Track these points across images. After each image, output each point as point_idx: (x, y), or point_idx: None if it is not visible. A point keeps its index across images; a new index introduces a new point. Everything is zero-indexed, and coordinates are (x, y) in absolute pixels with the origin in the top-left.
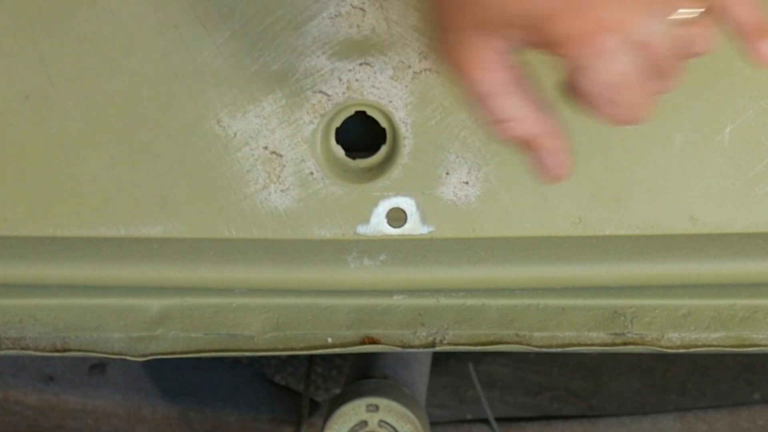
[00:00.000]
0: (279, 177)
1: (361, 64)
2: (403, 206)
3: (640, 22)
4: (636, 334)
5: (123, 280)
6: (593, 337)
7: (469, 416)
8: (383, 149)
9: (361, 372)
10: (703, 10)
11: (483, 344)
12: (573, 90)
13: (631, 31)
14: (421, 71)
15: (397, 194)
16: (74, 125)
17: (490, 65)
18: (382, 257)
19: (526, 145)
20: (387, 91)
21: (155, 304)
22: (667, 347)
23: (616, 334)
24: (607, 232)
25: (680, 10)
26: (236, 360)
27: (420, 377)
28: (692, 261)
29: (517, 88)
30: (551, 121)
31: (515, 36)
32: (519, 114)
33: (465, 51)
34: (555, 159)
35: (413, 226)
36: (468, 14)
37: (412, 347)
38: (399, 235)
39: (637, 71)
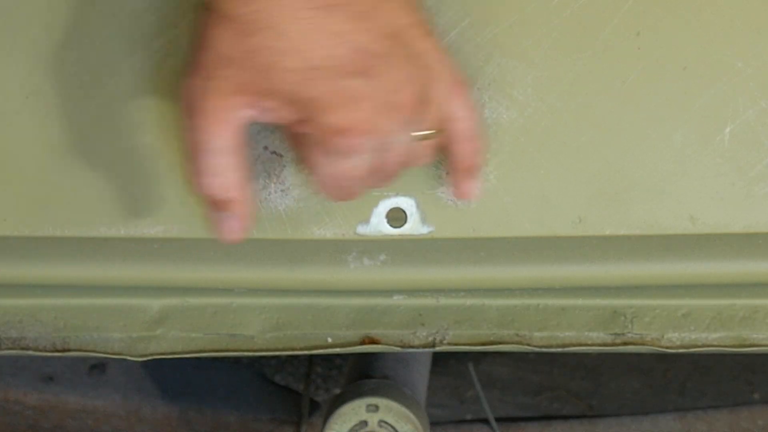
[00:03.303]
0: (279, 177)
1: None
2: (403, 206)
3: (393, 131)
4: (636, 334)
5: (123, 280)
6: (593, 337)
7: (469, 416)
8: None
9: (361, 372)
10: (436, 134)
11: (483, 344)
12: (301, 145)
13: (383, 137)
14: None
15: (397, 194)
16: (74, 125)
17: (226, 124)
18: (382, 257)
19: (217, 205)
20: None
21: (155, 304)
22: (667, 347)
23: (616, 334)
24: (607, 232)
25: (423, 132)
26: (236, 360)
27: (420, 377)
28: (692, 261)
29: (236, 152)
30: (247, 191)
31: (271, 108)
32: (224, 176)
33: (211, 102)
34: (236, 225)
35: (413, 226)
36: (234, 73)
37: (412, 347)
38: (399, 235)
39: (367, 170)
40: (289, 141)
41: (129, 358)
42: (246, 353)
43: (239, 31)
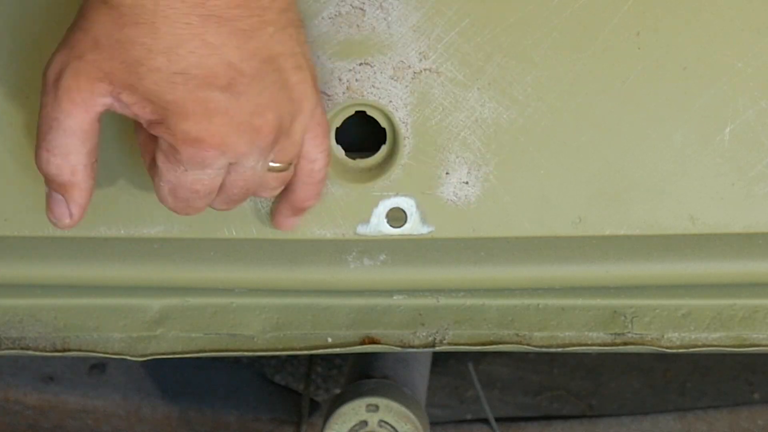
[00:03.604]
0: None
1: (361, 64)
2: (403, 206)
3: (246, 154)
4: (636, 334)
5: (123, 280)
6: (593, 337)
7: (469, 416)
8: (383, 149)
9: (361, 372)
10: (287, 167)
11: (483, 344)
12: (145, 145)
13: (233, 157)
14: (421, 71)
15: (397, 194)
16: None
17: (85, 107)
18: (382, 257)
19: (54, 186)
20: (387, 91)
21: (155, 304)
22: (667, 347)
23: (616, 334)
24: (607, 232)
25: (275, 163)
26: (236, 360)
27: (420, 377)
28: (692, 261)
29: (85, 137)
30: (90, 183)
31: (129, 102)
32: (66, 158)
33: (74, 81)
34: (65, 211)
35: (413, 226)
36: (103, 59)
37: (412, 347)
38: (399, 235)
39: (210, 187)
40: (139, 139)
41: (129, 358)
42: (246, 353)
43: (117, 20)
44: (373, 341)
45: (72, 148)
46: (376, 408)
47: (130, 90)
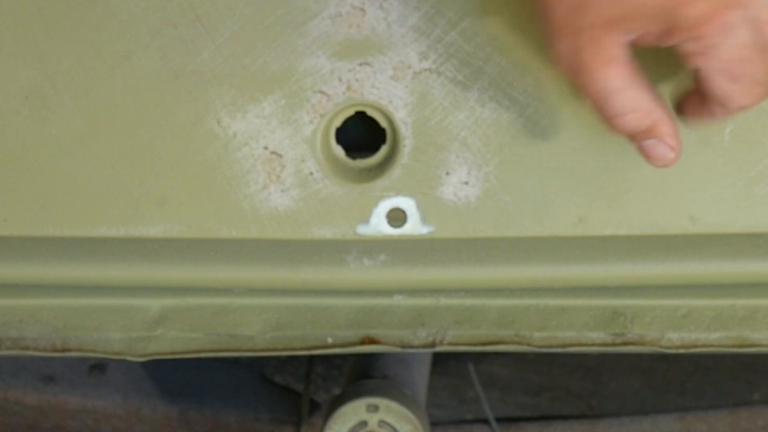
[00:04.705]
0: (279, 177)
1: (361, 64)
2: (403, 206)
3: None
4: (636, 334)
5: (123, 280)
6: (593, 337)
7: (469, 416)
8: (383, 149)
9: (361, 372)
10: None
11: (483, 344)
12: (696, 82)
13: (749, 5)
14: (421, 71)
15: (397, 194)
16: (74, 125)
17: (614, 61)
18: (382, 257)
19: (641, 136)
20: (387, 91)
21: (155, 304)
22: (667, 347)
23: (616, 334)
24: (607, 232)
25: None
26: (236, 360)
27: (420, 377)
28: (692, 261)
29: (635, 79)
30: (663, 107)
31: (639, 28)
32: (638, 106)
33: (587, 50)
34: (664, 148)
35: (413, 226)
36: (589, 14)
37: (412, 347)
38: (399, 235)
39: (755, 46)
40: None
41: (129, 358)
42: (246, 353)
43: None
44: (373, 341)
45: (632, 99)
46: (376, 408)
47: (632, 18)
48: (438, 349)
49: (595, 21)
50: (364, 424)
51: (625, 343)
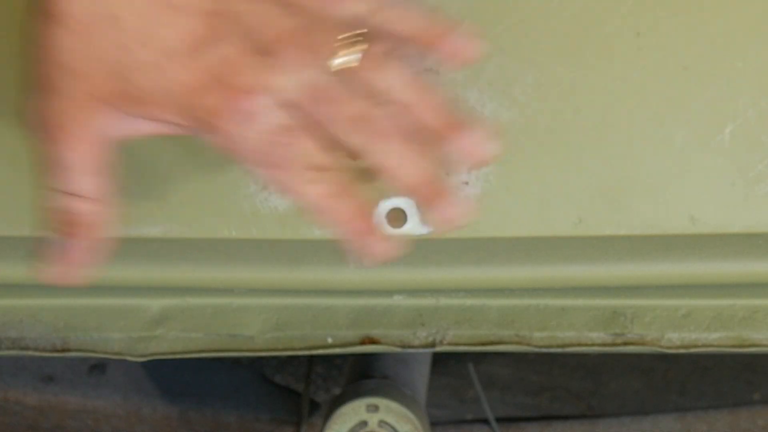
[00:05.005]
0: None
1: None
2: (403, 206)
3: (283, 78)
4: (636, 334)
5: (123, 280)
6: (593, 337)
7: (469, 416)
8: None
9: (361, 372)
10: (360, 53)
11: (483, 344)
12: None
13: (277, 90)
14: (421, 71)
15: (397, 194)
16: None
17: (85, 138)
18: None
19: (66, 225)
20: None
21: (155, 304)
22: (667, 347)
23: (616, 334)
24: (607, 232)
25: (337, 60)
26: (236, 360)
27: (420, 377)
28: (692, 261)
29: (95, 167)
30: (104, 216)
31: (148, 114)
32: (85, 192)
33: (67, 119)
34: (78, 257)
35: (413, 226)
36: (81, 83)
37: (412, 347)
38: (399, 236)
39: (292, 127)
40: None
41: (129, 358)
42: (246, 353)
43: (75, 32)
44: (373, 341)
45: (82, 183)
46: (376, 408)
47: (135, 101)
48: (438, 349)
49: (81, 88)
50: (364, 424)
51: (625, 343)
